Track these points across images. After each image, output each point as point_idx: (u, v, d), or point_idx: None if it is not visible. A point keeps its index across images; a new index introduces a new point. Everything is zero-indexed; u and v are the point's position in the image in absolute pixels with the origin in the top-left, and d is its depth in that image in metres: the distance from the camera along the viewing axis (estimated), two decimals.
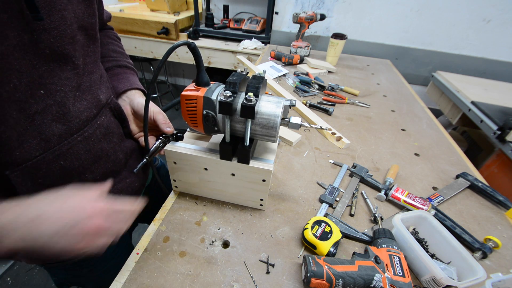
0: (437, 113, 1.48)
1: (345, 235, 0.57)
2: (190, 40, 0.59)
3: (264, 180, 0.55)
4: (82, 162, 0.48)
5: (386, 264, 0.46)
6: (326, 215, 0.61)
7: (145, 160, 0.52)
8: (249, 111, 0.46)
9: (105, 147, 0.52)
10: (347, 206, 0.65)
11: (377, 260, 0.47)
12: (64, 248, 0.34)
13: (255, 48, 1.96)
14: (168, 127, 0.58)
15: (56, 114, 0.42)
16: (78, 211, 0.34)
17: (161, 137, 0.55)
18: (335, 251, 0.51)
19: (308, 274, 0.45)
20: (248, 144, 0.51)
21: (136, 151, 0.63)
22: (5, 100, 0.36)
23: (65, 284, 0.70)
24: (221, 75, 2.28)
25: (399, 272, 0.45)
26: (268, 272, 0.50)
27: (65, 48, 0.42)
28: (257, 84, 0.48)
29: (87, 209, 0.35)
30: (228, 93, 0.46)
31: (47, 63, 0.40)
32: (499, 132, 1.15)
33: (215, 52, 2.03)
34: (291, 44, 1.59)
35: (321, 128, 0.59)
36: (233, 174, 0.56)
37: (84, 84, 0.47)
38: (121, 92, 0.62)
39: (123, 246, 0.69)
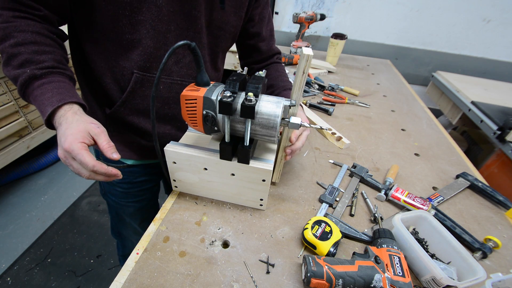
0: (437, 113, 1.48)
1: (345, 235, 0.57)
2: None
3: (264, 180, 0.55)
4: (161, 94, 0.66)
5: (386, 264, 0.46)
6: (326, 215, 0.61)
7: None
8: (249, 111, 0.46)
9: (177, 98, 0.67)
10: (347, 206, 0.65)
11: (377, 260, 0.47)
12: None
13: None
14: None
15: (173, 59, 0.63)
16: (66, 136, 0.44)
17: None
18: (335, 251, 0.51)
19: (308, 274, 0.45)
20: (248, 144, 0.51)
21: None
22: (169, 39, 0.59)
23: (106, 195, 0.85)
24: None
25: (399, 272, 0.45)
26: (268, 272, 0.50)
27: (208, 25, 0.64)
28: (257, 84, 0.48)
29: (68, 139, 0.44)
30: (228, 93, 0.46)
31: (193, 32, 0.61)
32: (499, 132, 1.15)
33: None
34: (291, 44, 1.59)
35: (321, 128, 0.59)
36: (233, 174, 0.56)
37: (188, 57, 0.66)
38: None
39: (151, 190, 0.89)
